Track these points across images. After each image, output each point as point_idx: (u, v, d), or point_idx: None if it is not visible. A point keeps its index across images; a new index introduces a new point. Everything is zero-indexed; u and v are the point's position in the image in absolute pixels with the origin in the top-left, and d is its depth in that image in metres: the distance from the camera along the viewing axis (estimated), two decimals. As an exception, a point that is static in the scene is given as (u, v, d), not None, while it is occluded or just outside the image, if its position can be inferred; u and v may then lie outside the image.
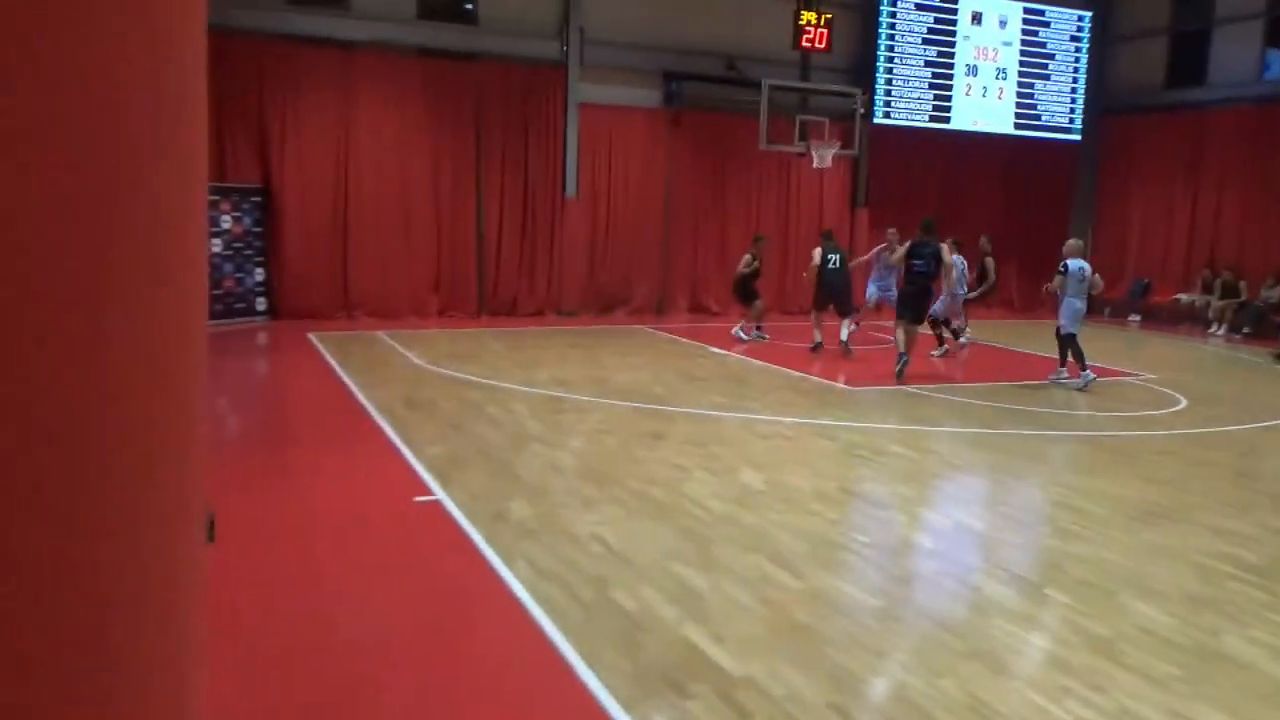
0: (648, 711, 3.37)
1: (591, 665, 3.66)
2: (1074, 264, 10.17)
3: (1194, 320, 16.40)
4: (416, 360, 10.37)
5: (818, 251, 12.05)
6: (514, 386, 9.10)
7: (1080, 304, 10.18)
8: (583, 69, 14.74)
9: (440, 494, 5.70)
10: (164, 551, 1.16)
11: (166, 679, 1.19)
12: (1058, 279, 10.17)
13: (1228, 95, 16.57)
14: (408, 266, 13.95)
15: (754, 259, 12.69)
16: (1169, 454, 7.59)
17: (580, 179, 14.97)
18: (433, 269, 14.21)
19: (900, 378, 9.98)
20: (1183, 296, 16.76)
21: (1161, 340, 15.12)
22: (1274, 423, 9.00)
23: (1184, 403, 9.75)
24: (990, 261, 13.31)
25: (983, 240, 13.81)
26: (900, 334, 10.28)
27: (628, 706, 3.38)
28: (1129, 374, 11.43)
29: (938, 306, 11.69)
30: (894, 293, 11.78)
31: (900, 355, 10.15)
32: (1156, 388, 10.56)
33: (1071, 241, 10.86)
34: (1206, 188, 16.79)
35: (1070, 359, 10.22)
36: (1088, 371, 9.98)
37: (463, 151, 14.20)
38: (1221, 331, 15.52)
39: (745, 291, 12.79)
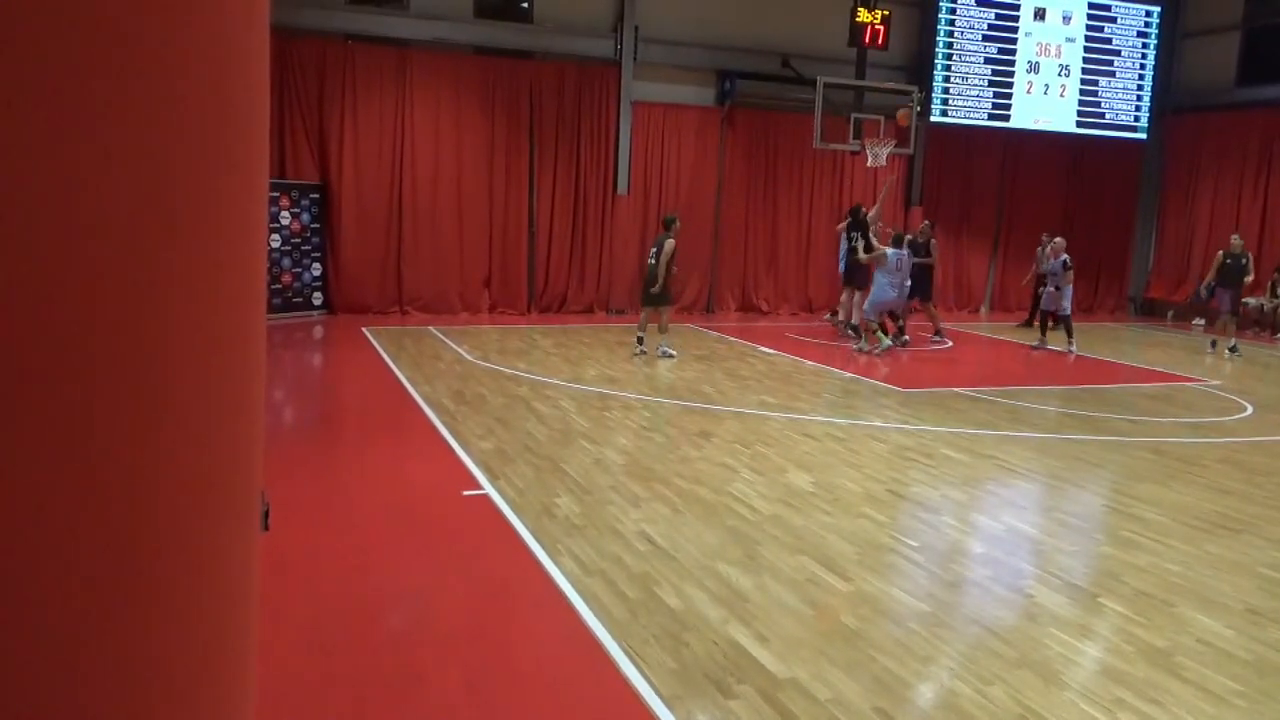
0: (691, 709, 3.36)
1: (635, 661, 3.67)
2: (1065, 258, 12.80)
3: (1262, 325, 15.88)
4: (467, 355, 10.48)
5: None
6: (562, 383, 9.15)
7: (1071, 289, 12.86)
8: (636, 66, 14.76)
9: (488, 488, 5.76)
10: (221, 540, 1.19)
11: (221, 667, 1.21)
12: (1069, 274, 12.77)
13: (1302, 92, 15.99)
14: (460, 263, 14.12)
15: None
16: (1233, 463, 7.36)
17: (632, 176, 15.00)
18: (484, 265, 14.36)
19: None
20: (1251, 300, 16.22)
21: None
22: (1346, 432, 8.67)
23: (1250, 410, 9.45)
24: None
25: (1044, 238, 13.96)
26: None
27: (670, 704, 3.38)
28: (1194, 380, 11.11)
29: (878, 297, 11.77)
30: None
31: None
32: (1222, 394, 10.24)
33: (1059, 240, 13.21)
34: (1277, 189, 16.23)
35: (1070, 335, 12.70)
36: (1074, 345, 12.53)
37: (516, 149, 14.31)
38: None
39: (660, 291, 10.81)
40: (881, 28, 14.31)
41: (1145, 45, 17.37)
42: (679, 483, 6.06)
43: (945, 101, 16.33)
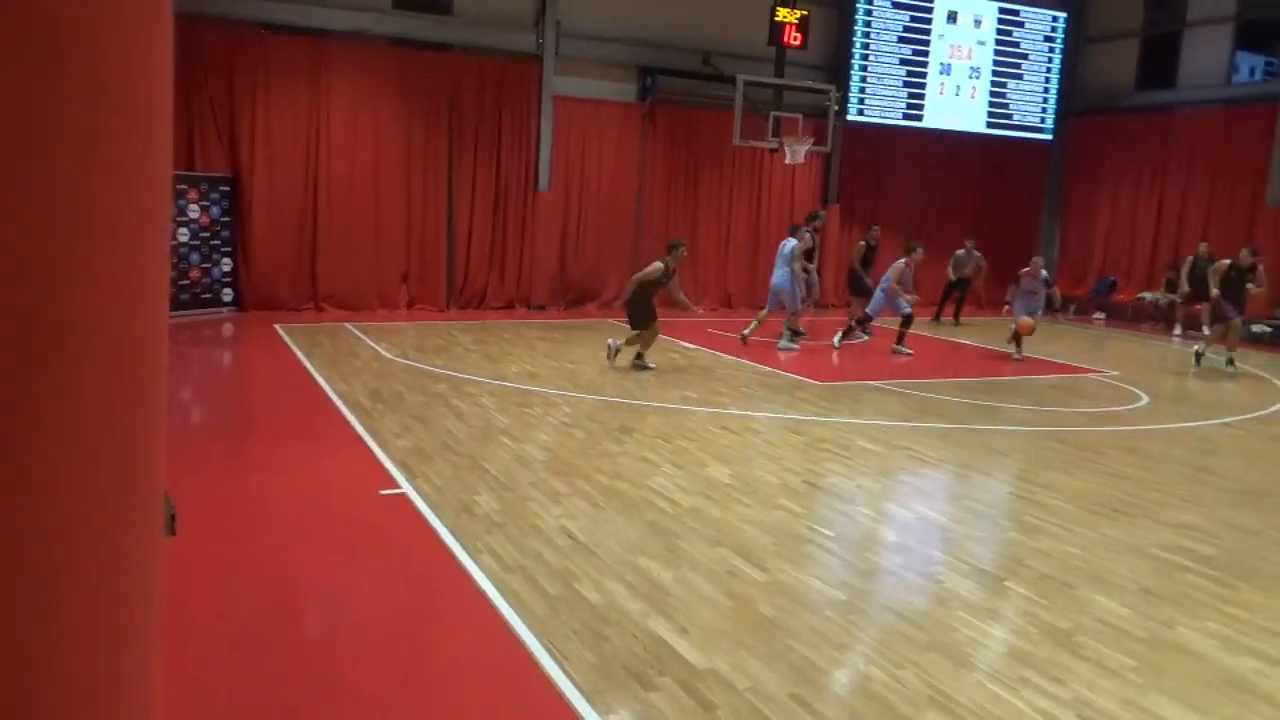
0: (611, 703, 3.39)
1: (556, 657, 3.67)
2: None
3: (1157, 319, 16.68)
4: (384, 353, 10.31)
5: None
6: (482, 380, 9.07)
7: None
8: (558, 62, 14.69)
9: (406, 486, 5.68)
10: (120, 543, 1.15)
11: (119, 673, 1.18)
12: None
13: (1197, 97, 16.82)
14: (377, 259, 13.85)
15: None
16: (1130, 450, 7.72)
17: (553, 172, 14.93)
18: (402, 261, 14.12)
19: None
20: (1146, 295, 17.04)
21: (1125, 338, 15.35)
22: (1232, 419, 9.19)
23: (1146, 400, 9.92)
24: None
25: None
26: None
27: (591, 698, 3.40)
28: (1093, 371, 11.61)
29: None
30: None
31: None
32: (1120, 384, 10.73)
33: (1037, 259, 12.68)
34: (1172, 189, 17.05)
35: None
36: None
37: (435, 143, 14.11)
38: (1180, 331, 15.76)
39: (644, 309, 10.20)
40: (800, 27, 14.56)
41: (1051, 49, 18.05)
42: (600, 478, 6.07)
43: (862, 101, 16.69)
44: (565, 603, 4.18)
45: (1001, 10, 17.49)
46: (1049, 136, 18.38)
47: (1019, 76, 17.86)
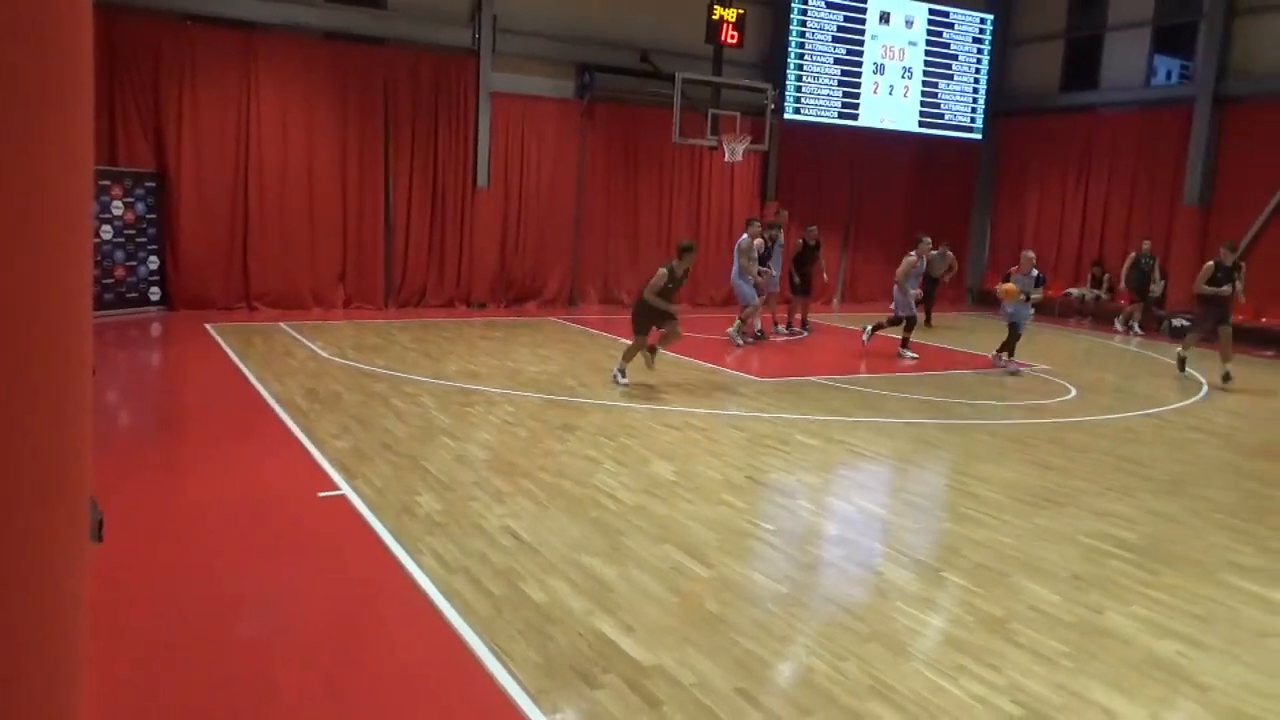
0: (556, 702, 3.37)
1: (500, 658, 3.64)
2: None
3: (1083, 314, 17.20)
4: (320, 352, 10.11)
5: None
6: (422, 379, 8.95)
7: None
8: (495, 58, 14.56)
9: (345, 488, 5.58)
10: (43, 551, 1.11)
11: (42, 677, 1.13)
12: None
13: (1118, 99, 17.41)
14: (312, 256, 13.58)
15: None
16: (1058, 441, 7.95)
17: (492, 169, 14.81)
18: (338, 259, 13.86)
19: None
20: (1073, 291, 17.56)
21: (1053, 332, 15.79)
22: (1155, 410, 9.52)
23: (1074, 392, 10.23)
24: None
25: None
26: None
27: (537, 698, 3.38)
28: (1024, 365, 11.92)
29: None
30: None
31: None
32: (1049, 378, 11.04)
33: (1029, 254, 11.85)
34: (1096, 187, 17.60)
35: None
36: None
37: (371, 139, 13.87)
38: (1119, 326, 16.27)
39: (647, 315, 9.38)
40: (737, 25, 14.66)
41: (980, 51, 18.48)
42: (543, 476, 6.04)
43: (798, 100, 16.88)
44: (509, 602, 4.15)
45: (932, 12, 17.85)
46: (979, 136, 18.81)
47: (949, 77, 18.25)
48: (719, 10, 14.48)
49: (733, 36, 14.73)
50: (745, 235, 12.44)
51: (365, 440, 6.66)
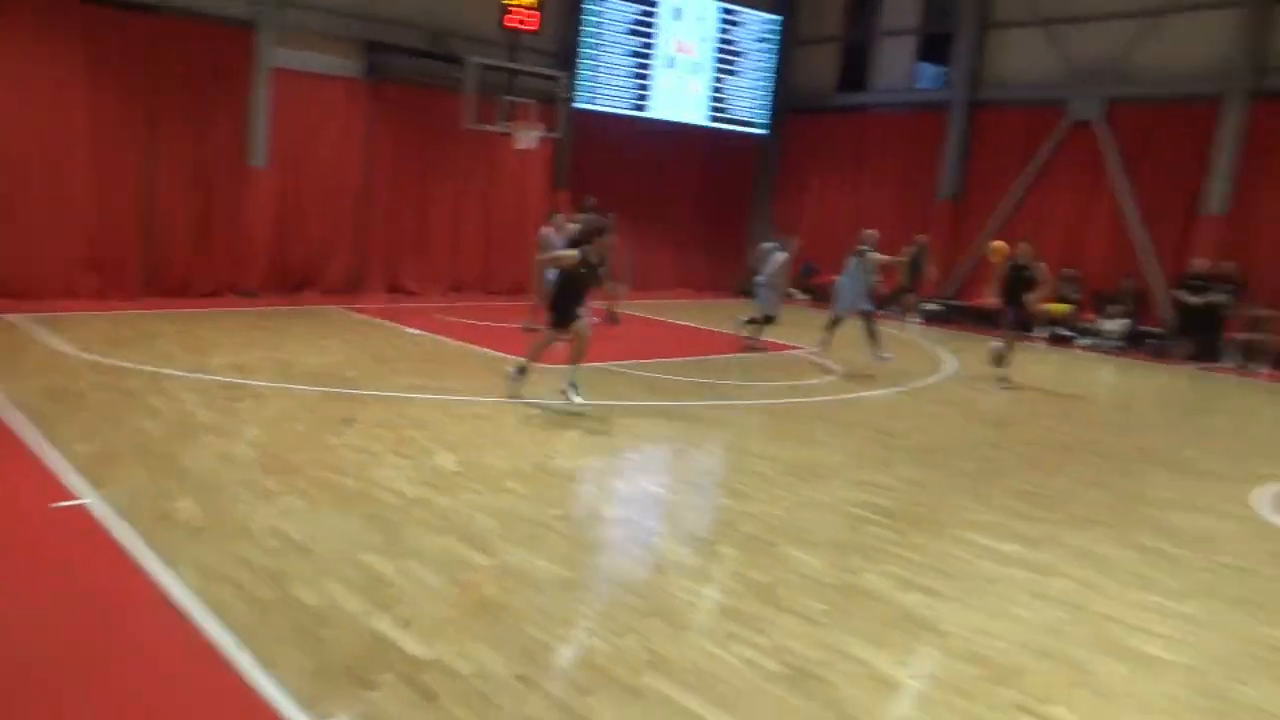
0: (329, 709, 3.24)
1: (267, 668, 3.45)
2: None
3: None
4: (64, 347, 9.13)
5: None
6: (182, 374, 8.29)
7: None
8: (277, 32, 13.63)
9: (90, 497, 5.08)
10: None
11: None
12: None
13: (886, 100, 18.88)
14: (55, 241, 12.17)
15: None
16: (825, 418, 8.51)
17: (272, 149, 13.84)
18: (87, 244, 12.51)
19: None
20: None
21: (824, 317, 16.82)
22: (908, 386, 10.39)
23: (839, 371, 10.98)
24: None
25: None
26: None
27: (308, 706, 3.23)
28: (796, 347, 12.66)
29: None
30: None
31: None
32: (819, 360, 11.78)
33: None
34: (866, 183, 18.96)
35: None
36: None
37: (131, 114, 12.57)
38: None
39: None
40: (534, 12, 14.55)
41: (767, 50, 19.37)
42: (317, 473, 5.77)
43: (592, 89, 16.99)
44: (277, 608, 3.94)
45: (722, 10, 18.51)
46: (765, 131, 19.74)
47: (737, 73, 19.02)
48: (514, -6, 14.28)
49: (529, 23, 14.60)
50: (547, 228, 12.27)
51: (116, 443, 6.09)
